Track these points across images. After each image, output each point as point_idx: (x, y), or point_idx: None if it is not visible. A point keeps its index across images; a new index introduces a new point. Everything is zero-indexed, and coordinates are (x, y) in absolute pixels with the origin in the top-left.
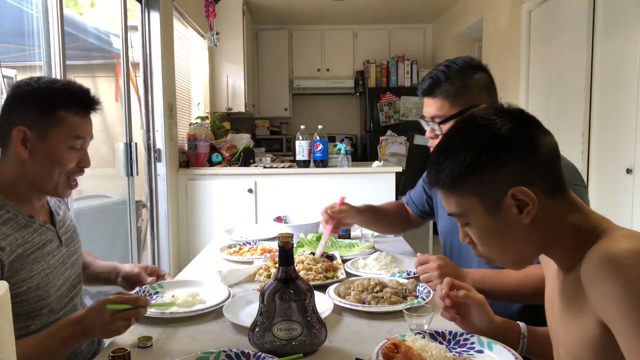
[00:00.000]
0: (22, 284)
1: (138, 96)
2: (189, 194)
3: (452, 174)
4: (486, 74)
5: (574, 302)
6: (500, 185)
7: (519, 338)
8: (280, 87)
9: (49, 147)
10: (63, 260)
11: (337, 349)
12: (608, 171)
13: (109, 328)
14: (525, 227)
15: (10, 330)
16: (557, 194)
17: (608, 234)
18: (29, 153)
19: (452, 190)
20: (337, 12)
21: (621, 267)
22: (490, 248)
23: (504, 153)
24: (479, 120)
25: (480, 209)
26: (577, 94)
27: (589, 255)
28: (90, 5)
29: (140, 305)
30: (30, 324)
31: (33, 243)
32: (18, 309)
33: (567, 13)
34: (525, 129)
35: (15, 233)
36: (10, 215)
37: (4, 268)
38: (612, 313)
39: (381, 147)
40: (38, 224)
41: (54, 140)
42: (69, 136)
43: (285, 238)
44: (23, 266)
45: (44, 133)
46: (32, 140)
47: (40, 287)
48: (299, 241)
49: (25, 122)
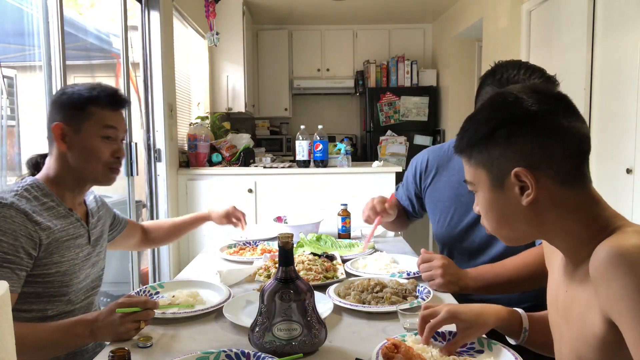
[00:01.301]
0: (52, 267)
1: (138, 96)
2: (189, 194)
3: (469, 143)
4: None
5: (581, 297)
6: (507, 162)
7: (521, 328)
8: (280, 87)
9: (83, 140)
10: (88, 258)
11: (337, 349)
12: (608, 171)
13: (119, 331)
14: (525, 209)
15: (11, 330)
16: (570, 185)
17: (621, 229)
18: (67, 147)
19: (468, 159)
20: (337, 12)
21: (631, 263)
22: (489, 220)
23: (519, 132)
24: (508, 97)
25: (486, 182)
26: (577, 94)
27: (598, 250)
28: (90, 5)
29: (149, 307)
30: (49, 308)
31: (68, 232)
32: (42, 289)
33: (567, 13)
34: (551, 114)
35: (55, 220)
36: (53, 204)
37: (41, 247)
38: (621, 309)
39: (381, 147)
40: (75, 217)
41: (87, 132)
42: (99, 127)
43: (285, 238)
44: (57, 250)
45: (78, 127)
46: (69, 134)
47: (66, 274)
48: (299, 241)
49: (62, 119)
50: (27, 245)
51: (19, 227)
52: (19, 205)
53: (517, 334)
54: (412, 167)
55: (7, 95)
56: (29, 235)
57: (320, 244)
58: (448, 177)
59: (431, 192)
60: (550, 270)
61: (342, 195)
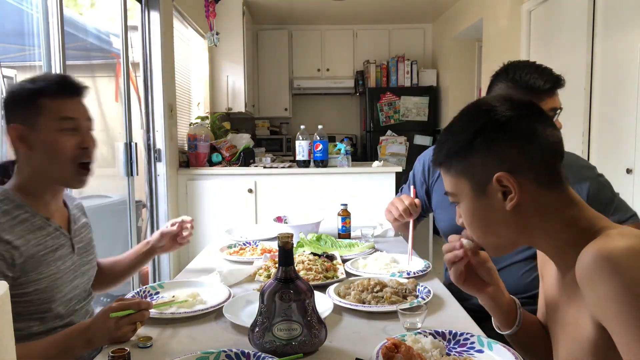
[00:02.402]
0: (29, 285)
1: (138, 96)
2: (189, 194)
3: (449, 153)
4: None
5: (573, 302)
6: (488, 168)
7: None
8: (280, 87)
9: (41, 136)
10: (74, 268)
11: (337, 349)
12: (608, 171)
13: (116, 335)
14: (509, 214)
15: (10, 331)
16: (551, 187)
17: (604, 232)
18: (27, 147)
19: (447, 169)
20: (337, 12)
21: (616, 266)
22: (474, 230)
23: (497, 138)
24: (482, 106)
25: (468, 191)
26: (577, 94)
27: (583, 254)
28: (90, 5)
29: (143, 308)
30: (32, 325)
31: (46, 246)
32: (22, 308)
33: (567, 13)
34: (525, 119)
35: (29, 234)
36: (27, 216)
37: (15, 267)
38: (608, 313)
39: (381, 147)
40: (53, 227)
41: (44, 128)
42: (55, 120)
43: (285, 238)
44: (34, 267)
45: (32, 124)
46: (26, 133)
47: (47, 291)
48: (299, 241)
49: (16, 119)
50: (1, 267)
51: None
52: None
53: (511, 323)
54: (420, 164)
55: None
56: (1, 257)
57: (320, 244)
58: None
59: (438, 186)
60: (545, 275)
61: (342, 195)
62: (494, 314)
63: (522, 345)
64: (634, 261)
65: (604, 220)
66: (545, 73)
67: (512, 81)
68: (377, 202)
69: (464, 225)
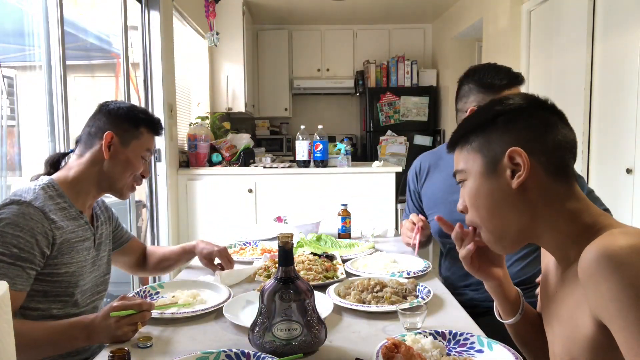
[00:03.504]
0: (62, 267)
1: (138, 96)
2: (189, 194)
3: (467, 129)
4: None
5: (571, 298)
6: (504, 144)
7: (518, 305)
8: (280, 87)
9: (128, 154)
10: (93, 261)
11: (337, 349)
12: (608, 171)
13: (116, 334)
14: (514, 193)
15: (10, 331)
16: (558, 178)
17: (608, 230)
18: (110, 156)
19: (463, 145)
20: (337, 12)
21: (619, 265)
22: (478, 212)
23: (518, 120)
24: (504, 99)
25: (479, 167)
26: (577, 94)
27: (586, 252)
28: (90, 5)
29: (145, 309)
30: (54, 307)
31: (77, 235)
32: (50, 288)
33: (567, 13)
34: (546, 111)
35: (67, 221)
36: (66, 206)
37: (54, 246)
38: (610, 311)
39: (381, 147)
40: (84, 220)
41: (133, 148)
42: (143, 147)
43: (285, 238)
44: (67, 251)
45: (127, 141)
46: (116, 145)
47: (74, 275)
48: (299, 241)
49: (115, 130)
50: (42, 244)
51: (36, 224)
52: (36, 203)
53: (514, 311)
54: (411, 175)
55: (7, 95)
56: (45, 234)
57: (320, 244)
58: (440, 173)
59: (426, 189)
60: (545, 271)
61: (342, 195)
62: (499, 300)
63: (520, 336)
64: (637, 260)
65: (608, 218)
66: (501, 72)
67: (474, 82)
68: (377, 202)
69: (466, 209)
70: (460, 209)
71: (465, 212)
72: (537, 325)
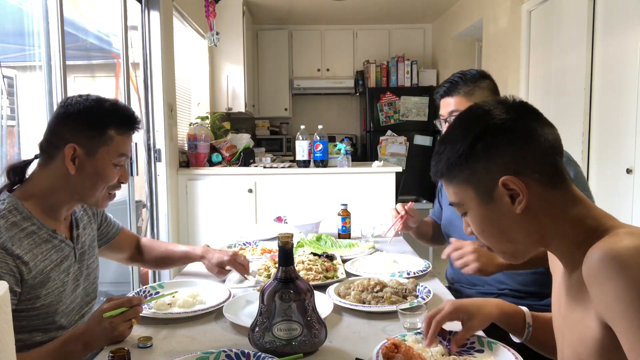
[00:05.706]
0: (36, 301)
1: (138, 96)
2: (189, 194)
3: (448, 163)
4: (492, 81)
5: (579, 302)
6: (492, 174)
7: (524, 325)
8: (280, 87)
9: (96, 164)
10: (75, 277)
11: (337, 349)
12: (608, 171)
13: (113, 335)
14: (519, 217)
15: (10, 331)
16: (555, 187)
17: (613, 231)
18: (76, 169)
19: (449, 179)
20: (337, 12)
21: (624, 265)
22: (487, 238)
23: (497, 142)
24: (477, 111)
25: (474, 198)
26: (577, 94)
27: (590, 253)
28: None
29: (135, 304)
30: (35, 335)
31: (52, 260)
32: (26, 322)
33: (567, 13)
34: (522, 120)
35: (36, 248)
36: (34, 229)
37: (25, 282)
38: (615, 312)
39: (381, 147)
40: (59, 239)
41: (102, 157)
42: (115, 154)
43: (285, 238)
44: (41, 283)
45: (93, 151)
46: (81, 157)
47: (52, 305)
48: (299, 241)
49: (77, 140)
50: (11, 283)
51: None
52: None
53: (520, 331)
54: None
55: (7, 95)
56: (11, 272)
57: (320, 244)
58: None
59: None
60: (554, 274)
61: (342, 195)
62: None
63: (538, 344)
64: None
65: (612, 220)
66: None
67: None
68: (377, 202)
69: (474, 234)
70: (468, 233)
71: (472, 235)
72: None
